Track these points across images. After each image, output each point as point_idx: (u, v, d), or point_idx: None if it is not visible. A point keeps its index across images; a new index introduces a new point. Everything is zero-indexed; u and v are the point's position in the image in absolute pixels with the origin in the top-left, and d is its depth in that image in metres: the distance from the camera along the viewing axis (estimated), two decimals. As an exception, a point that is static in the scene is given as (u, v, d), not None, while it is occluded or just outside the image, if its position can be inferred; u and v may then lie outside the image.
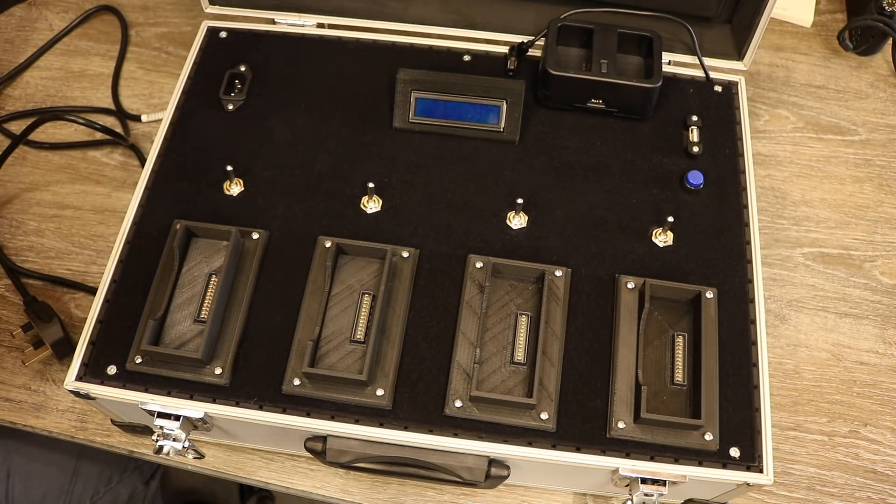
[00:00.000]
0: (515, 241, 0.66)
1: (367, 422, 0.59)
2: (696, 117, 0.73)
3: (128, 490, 0.88)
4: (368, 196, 0.68)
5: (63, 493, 0.80)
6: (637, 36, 0.74)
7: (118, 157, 0.85)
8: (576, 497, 0.69)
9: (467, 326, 0.61)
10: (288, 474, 0.69)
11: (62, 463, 0.81)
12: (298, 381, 0.59)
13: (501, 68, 0.76)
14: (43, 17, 0.96)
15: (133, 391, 0.59)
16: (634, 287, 0.63)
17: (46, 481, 0.79)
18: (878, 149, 0.87)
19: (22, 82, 0.90)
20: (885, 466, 0.70)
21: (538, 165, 0.71)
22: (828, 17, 0.97)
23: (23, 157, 0.85)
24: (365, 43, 0.78)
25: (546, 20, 0.74)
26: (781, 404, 0.72)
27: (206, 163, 0.70)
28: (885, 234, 0.82)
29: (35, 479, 0.79)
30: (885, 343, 0.76)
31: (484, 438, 0.58)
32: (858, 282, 0.79)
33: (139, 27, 0.94)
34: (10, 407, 0.72)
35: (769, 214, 0.82)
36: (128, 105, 0.89)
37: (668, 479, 0.58)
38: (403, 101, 0.71)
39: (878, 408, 0.73)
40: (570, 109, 0.73)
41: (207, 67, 0.76)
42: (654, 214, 0.68)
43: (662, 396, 0.60)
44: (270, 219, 0.67)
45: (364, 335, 0.61)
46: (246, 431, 0.65)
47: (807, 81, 0.92)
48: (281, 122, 0.73)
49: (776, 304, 0.77)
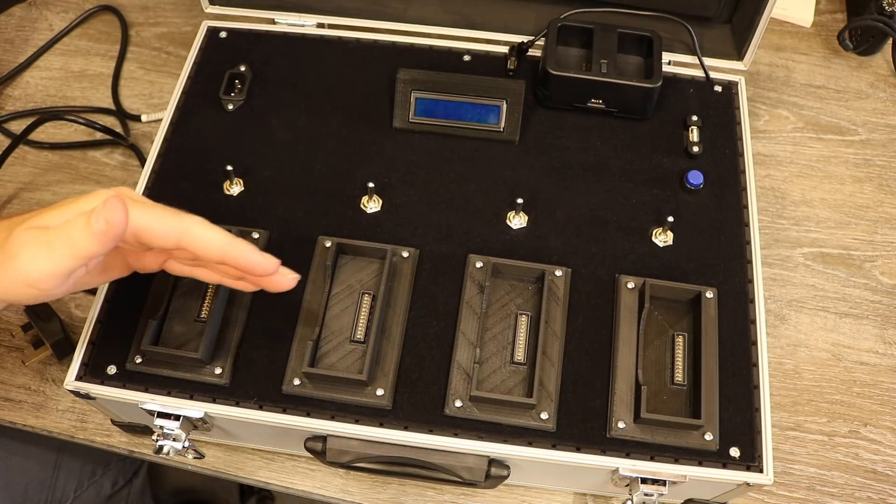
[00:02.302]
0: (515, 241, 0.66)
1: (367, 422, 0.59)
2: (696, 117, 0.73)
3: (111, 482, 0.88)
4: (368, 196, 0.68)
5: (45, 487, 0.80)
6: (637, 36, 0.74)
7: (118, 157, 0.85)
8: (576, 497, 0.69)
9: (467, 326, 0.61)
10: (288, 474, 0.69)
11: (43, 457, 0.81)
12: (298, 381, 0.59)
13: (501, 68, 0.76)
14: (43, 17, 0.96)
15: (133, 391, 0.59)
16: (634, 287, 0.63)
17: (28, 475, 0.79)
18: (878, 149, 0.87)
19: (22, 82, 0.90)
20: (885, 466, 0.70)
21: (538, 165, 0.71)
22: (828, 17, 0.97)
23: (23, 156, 0.85)
24: (365, 43, 0.78)
25: (546, 20, 0.74)
26: (781, 404, 0.72)
27: (206, 163, 0.70)
28: (885, 234, 0.82)
29: (16, 474, 0.79)
30: (885, 343, 0.76)
31: (484, 438, 0.58)
32: (858, 282, 0.79)
33: (139, 27, 0.94)
34: (10, 407, 0.72)
35: (769, 214, 0.82)
36: (128, 105, 0.89)
37: (668, 479, 0.58)
38: (403, 101, 0.71)
39: (878, 408, 0.73)
40: (570, 109, 0.73)
41: (207, 67, 0.76)
42: (654, 214, 0.68)
43: (662, 396, 0.60)
44: (270, 219, 0.67)
45: (364, 335, 0.61)
46: (246, 431, 0.65)
47: (807, 81, 0.92)
48: (281, 122, 0.73)
49: (776, 304, 0.77)
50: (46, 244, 0.48)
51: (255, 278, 0.54)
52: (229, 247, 0.51)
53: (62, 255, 0.48)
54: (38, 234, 0.48)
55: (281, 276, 0.54)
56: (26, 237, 0.48)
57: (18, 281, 0.48)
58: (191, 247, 0.51)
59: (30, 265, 0.48)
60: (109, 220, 0.47)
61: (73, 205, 0.50)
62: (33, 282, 0.48)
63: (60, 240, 0.48)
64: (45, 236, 0.48)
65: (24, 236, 0.48)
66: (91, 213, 0.47)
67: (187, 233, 0.51)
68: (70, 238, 0.47)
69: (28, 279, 0.48)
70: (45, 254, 0.48)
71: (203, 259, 0.53)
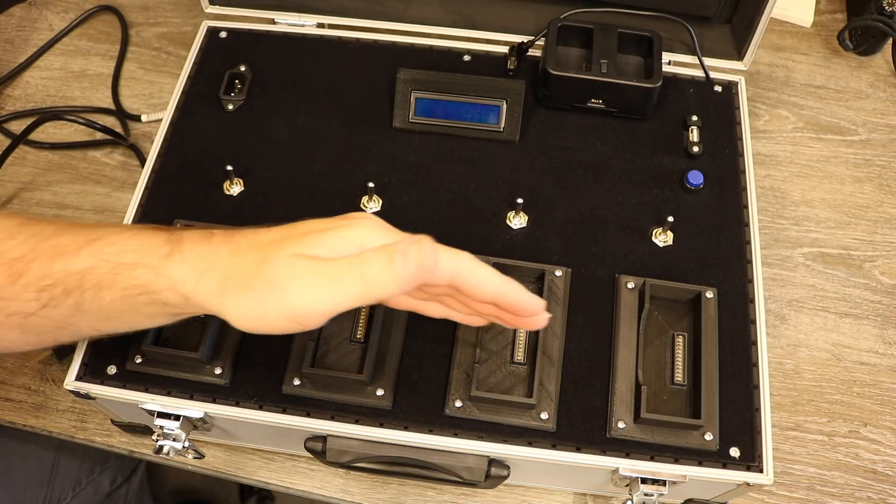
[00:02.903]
0: (515, 240, 0.66)
1: (367, 422, 0.59)
2: (696, 117, 0.73)
3: (109, 480, 0.88)
4: (368, 196, 0.68)
5: (44, 485, 0.80)
6: (637, 36, 0.74)
7: (118, 157, 0.85)
8: (576, 497, 0.69)
9: (467, 326, 0.61)
10: (288, 474, 0.69)
11: (41, 455, 0.81)
12: (298, 381, 0.59)
13: (501, 68, 0.76)
14: (43, 17, 0.96)
15: (133, 391, 0.59)
16: (634, 287, 0.63)
17: (26, 473, 0.80)
18: (878, 149, 0.87)
19: (22, 82, 0.90)
20: (885, 466, 0.70)
21: (538, 165, 0.71)
22: (828, 17, 0.97)
23: (23, 156, 0.85)
24: (365, 43, 0.78)
25: (546, 20, 0.74)
26: (781, 404, 0.72)
27: (206, 163, 0.70)
28: (885, 234, 0.82)
29: (15, 472, 0.79)
30: (885, 343, 0.76)
31: (484, 438, 0.58)
32: (858, 282, 0.79)
33: (139, 27, 0.94)
34: (10, 407, 0.72)
35: (769, 214, 0.82)
36: (128, 105, 0.89)
37: (668, 479, 0.58)
38: (403, 101, 0.71)
39: (878, 408, 0.73)
40: (570, 109, 0.73)
41: (207, 67, 0.76)
42: (654, 214, 0.68)
43: (662, 396, 0.60)
44: (270, 219, 0.67)
45: (364, 335, 0.61)
46: (246, 431, 0.65)
47: (807, 81, 0.92)
48: (281, 122, 0.73)
49: (776, 304, 0.77)
50: (332, 280, 0.43)
51: (512, 317, 0.51)
52: (504, 287, 0.48)
53: (351, 293, 0.43)
54: (318, 268, 0.44)
55: (539, 317, 0.50)
56: (301, 268, 0.44)
57: (281, 313, 0.44)
58: (464, 285, 0.47)
59: (303, 299, 0.44)
60: (423, 265, 0.44)
61: (337, 233, 0.46)
62: (302, 316, 0.44)
63: (351, 277, 0.43)
64: (328, 271, 0.44)
65: (298, 267, 0.44)
66: (392, 252, 0.44)
67: (464, 272, 0.47)
68: (364, 276, 0.43)
69: (296, 313, 0.44)
70: (329, 290, 0.43)
71: (469, 297, 0.50)
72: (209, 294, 0.47)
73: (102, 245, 0.49)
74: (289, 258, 0.45)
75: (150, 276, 0.47)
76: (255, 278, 0.45)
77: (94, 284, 0.48)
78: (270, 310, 0.44)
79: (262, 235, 0.48)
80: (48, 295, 0.49)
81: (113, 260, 0.48)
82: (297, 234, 0.47)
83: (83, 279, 0.48)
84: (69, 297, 0.49)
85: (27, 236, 0.50)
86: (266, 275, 0.45)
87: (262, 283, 0.45)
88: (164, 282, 0.47)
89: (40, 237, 0.50)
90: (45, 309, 0.49)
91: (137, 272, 0.48)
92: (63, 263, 0.49)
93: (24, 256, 0.49)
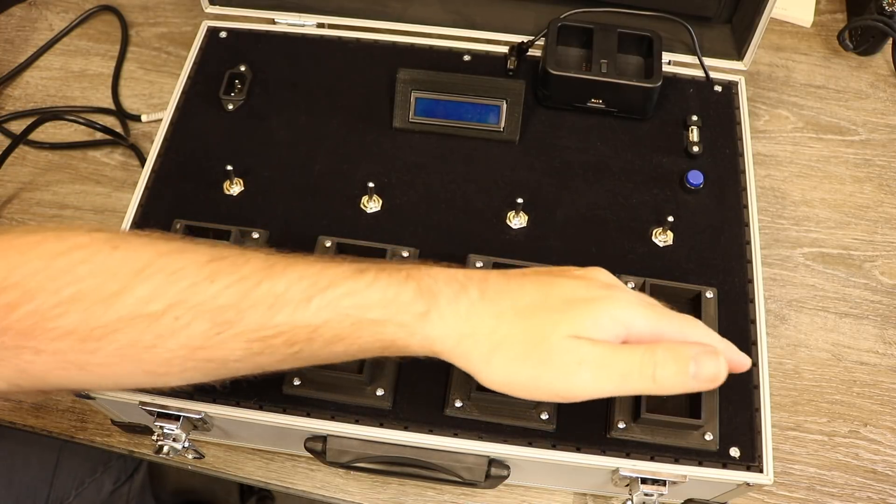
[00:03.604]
0: (515, 240, 0.66)
1: (367, 422, 0.58)
2: (696, 117, 0.73)
3: (111, 480, 0.88)
4: (368, 196, 0.68)
5: (46, 485, 0.80)
6: (637, 36, 0.74)
7: (118, 157, 0.85)
8: (576, 497, 0.69)
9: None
10: (288, 474, 0.69)
11: (43, 455, 0.81)
12: (298, 381, 0.59)
13: (501, 68, 0.76)
14: (43, 17, 0.96)
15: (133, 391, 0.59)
16: (634, 287, 0.63)
17: (29, 473, 0.80)
18: (878, 149, 0.87)
19: (22, 82, 0.90)
20: (885, 466, 0.70)
21: (538, 165, 0.71)
22: (828, 17, 0.97)
23: (23, 156, 0.85)
24: (365, 43, 0.78)
25: (546, 20, 0.74)
26: (781, 404, 0.72)
27: (206, 163, 0.70)
28: (885, 234, 0.82)
29: (17, 473, 0.79)
30: (885, 343, 0.76)
31: (484, 438, 0.58)
32: (858, 282, 0.79)
33: (139, 27, 0.94)
34: (10, 407, 0.72)
35: (769, 214, 0.82)
36: (128, 105, 0.89)
37: (668, 479, 0.58)
38: (403, 101, 0.71)
39: (878, 408, 0.73)
40: (570, 109, 0.73)
41: (207, 67, 0.76)
42: (654, 214, 0.68)
43: (662, 396, 0.60)
44: (270, 218, 0.67)
45: (364, 335, 0.61)
46: (246, 431, 0.65)
47: (807, 81, 0.92)
48: (281, 122, 0.73)
49: (776, 304, 0.77)
50: (621, 375, 0.43)
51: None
52: (726, 352, 0.46)
53: (635, 389, 0.43)
54: (607, 359, 0.43)
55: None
56: (587, 356, 0.43)
57: (554, 391, 0.44)
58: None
59: (589, 388, 0.43)
60: (715, 381, 0.43)
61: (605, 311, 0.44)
62: (575, 398, 0.43)
63: (641, 376, 0.43)
64: (618, 364, 0.43)
65: (583, 353, 0.43)
66: (686, 359, 0.43)
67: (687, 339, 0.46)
68: (655, 378, 0.43)
69: (573, 396, 0.43)
70: (614, 383, 0.43)
71: None
72: (469, 356, 0.45)
73: (337, 296, 0.44)
74: (570, 341, 0.43)
75: (402, 335, 0.44)
76: (531, 354, 0.44)
77: (329, 338, 0.44)
78: (543, 385, 0.44)
79: (519, 296, 0.45)
80: (263, 345, 0.44)
81: (354, 314, 0.44)
82: (560, 303, 0.45)
83: (315, 333, 0.44)
84: (291, 348, 0.44)
85: (230, 280, 0.44)
86: (547, 354, 0.43)
87: (540, 362, 0.43)
88: (420, 341, 0.44)
89: (248, 281, 0.44)
90: (255, 357, 0.45)
91: (388, 329, 0.44)
92: (286, 315, 0.43)
93: (235, 304, 0.43)
